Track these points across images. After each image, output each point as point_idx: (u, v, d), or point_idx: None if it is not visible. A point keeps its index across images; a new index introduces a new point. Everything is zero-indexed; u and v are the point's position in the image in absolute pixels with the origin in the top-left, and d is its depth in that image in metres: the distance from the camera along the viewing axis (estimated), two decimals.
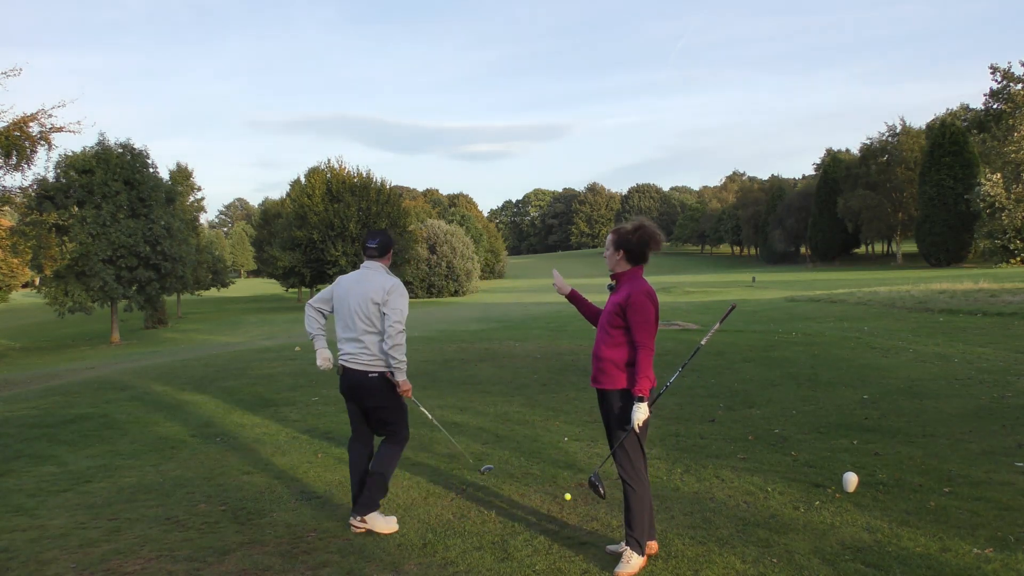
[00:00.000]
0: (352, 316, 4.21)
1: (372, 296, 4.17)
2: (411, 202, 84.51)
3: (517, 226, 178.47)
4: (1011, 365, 9.49)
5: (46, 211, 32.28)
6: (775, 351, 11.17)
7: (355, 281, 4.29)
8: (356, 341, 4.21)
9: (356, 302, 4.21)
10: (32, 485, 5.34)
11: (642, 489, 3.58)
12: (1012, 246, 54.26)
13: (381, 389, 4.22)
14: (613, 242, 3.67)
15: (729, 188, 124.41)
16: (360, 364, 4.21)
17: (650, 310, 3.55)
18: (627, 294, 3.54)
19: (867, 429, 6.25)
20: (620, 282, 3.68)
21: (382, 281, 4.22)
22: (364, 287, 4.22)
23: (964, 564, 3.48)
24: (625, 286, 3.61)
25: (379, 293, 4.17)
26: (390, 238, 4.43)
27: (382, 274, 4.29)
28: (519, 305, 41.58)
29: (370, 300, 4.17)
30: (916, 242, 67.28)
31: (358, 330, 4.19)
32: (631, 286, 3.59)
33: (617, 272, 3.70)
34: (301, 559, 3.79)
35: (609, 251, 3.69)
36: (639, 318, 3.53)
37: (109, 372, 12.67)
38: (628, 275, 3.66)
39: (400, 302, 4.17)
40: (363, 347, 4.19)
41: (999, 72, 55.38)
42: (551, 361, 10.90)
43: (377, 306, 4.16)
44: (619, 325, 3.58)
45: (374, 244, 4.35)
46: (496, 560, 3.71)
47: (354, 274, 4.37)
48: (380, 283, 4.20)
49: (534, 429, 6.64)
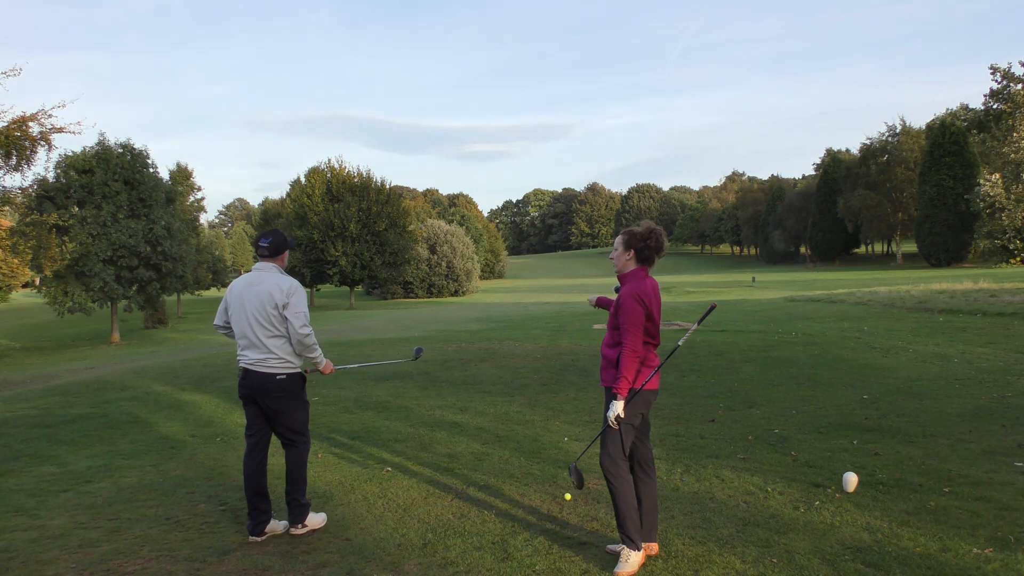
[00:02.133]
0: (251, 323, 4.07)
1: (270, 299, 4.05)
2: (411, 202, 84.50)
3: (517, 226, 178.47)
4: (1011, 365, 9.49)
5: (46, 211, 32.27)
6: (775, 351, 11.17)
7: (247, 284, 4.15)
8: (258, 347, 4.09)
9: (253, 307, 4.07)
10: (32, 485, 5.34)
11: (622, 485, 3.61)
12: (1012, 246, 54.29)
13: (289, 390, 4.13)
14: (624, 242, 3.70)
15: (729, 188, 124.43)
16: (266, 368, 4.09)
17: (638, 312, 3.55)
18: (623, 292, 3.61)
19: (867, 429, 6.25)
20: (624, 283, 3.71)
21: (278, 282, 4.09)
22: (258, 290, 4.08)
23: (964, 564, 3.48)
24: (626, 286, 3.66)
25: (278, 294, 4.05)
26: (284, 238, 4.27)
27: (276, 274, 4.15)
28: (519, 305, 41.59)
29: (268, 304, 4.04)
30: (916, 242, 67.29)
31: (259, 336, 4.07)
32: (628, 286, 3.64)
33: (624, 273, 3.73)
34: (301, 559, 3.79)
35: (618, 251, 3.72)
36: (625, 319, 3.57)
37: (109, 372, 12.67)
38: (631, 276, 3.69)
39: (300, 304, 4.08)
40: (267, 352, 4.08)
41: (999, 72, 55.41)
42: (551, 361, 10.90)
43: (277, 308, 4.04)
44: (616, 325, 3.67)
45: (266, 243, 4.19)
46: (496, 560, 3.71)
47: (245, 277, 4.22)
48: (276, 283, 4.08)
49: (534, 429, 6.64)
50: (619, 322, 3.58)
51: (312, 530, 4.22)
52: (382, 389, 8.95)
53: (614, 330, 3.68)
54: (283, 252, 4.25)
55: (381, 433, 6.56)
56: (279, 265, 4.22)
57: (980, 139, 61.29)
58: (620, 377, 3.52)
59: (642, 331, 3.58)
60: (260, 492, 4.14)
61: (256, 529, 4.11)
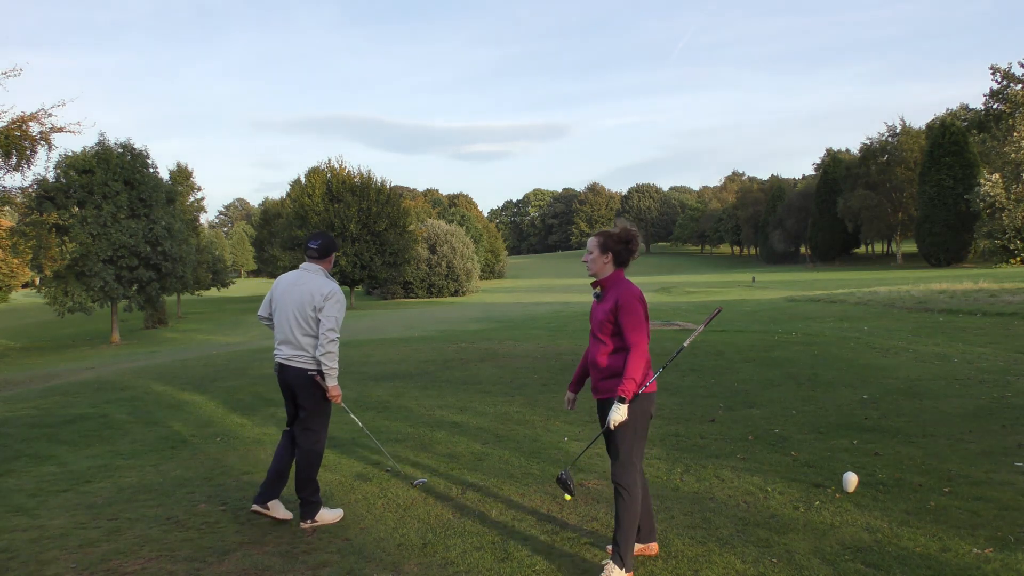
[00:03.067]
0: (289, 320, 4.26)
1: (309, 300, 4.22)
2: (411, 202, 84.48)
3: (517, 226, 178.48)
4: (1011, 365, 9.49)
5: (46, 211, 32.28)
6: (775, 351, 11.17)
7: (292, 283, 4.33)
8: (292, 343, 4.27)
9: (293, 306, 4.25)
10: (32, 485, 5.34)
11: (632, 500, 3.48)
12: (1012, 246, 54.29)
13: (316, 388, 4.30)
14: (600, 245, 3.59)
15: (729, 188, 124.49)
16: (299, 363, 4.28)
17: (641, 311, 3.49)
18: (616, 297, 3.49)
19: (867, 429, 6.25)
20: (606, 287, 3.60)
21: (320, 285, 4.25)
22: (301, 289, 4.26)
23: (964, 564, 3.48)
24: (612, 290, 3.56)
25: (318, 297, 4.21)
26: (332, 241, 4.45)
27: (320, 278, 4.30)
28: (519, 305, 41.59)
29: (307, 304, 4.21)
30: (916, 242, 67.28)
31: (295, 333, 4.25)
32: (619, 289, 3.54)
33: (602, 277, 3.62)
34: (301, 559, 3.79)
35: (594, 254, 3.60)
36: (632, 320, 3.47)
37: (109, 372, 12.67)
38: (615, 279, 3.60)
39: (335, 309, 4.22)
40: (300, 349, 4.26)
41: (999, 72, 55.43)
42: (551, 361, 10.90)
43: (314, 310, 4.21)
44: (612, 331, 3.53)
45: (315, 245, 4.36)
46: (496, 560, 3.71)
47: (291, 275, 4.40)
48: (318, 287, 4.24)
49: (534, 429, 6.64)
50: (624, 324, 3.46)
51: (318, 525, 4.28)
52: (382, 389, 8.95)
53: (608, 337, 3.54)
54: (330, 255, 4.41)
55: (381, 433, 6.56)
56: (325, 268, 4.37)
57: (980, 139, 61.29)
58: (628, 379, 3.41)
59: (648, 331, 3.52)
60: (280, 475, 4.36)
61: (259, 499, 4.30)
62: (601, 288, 3.63)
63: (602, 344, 3.56)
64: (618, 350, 3.54)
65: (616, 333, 3.53)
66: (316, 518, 4.30)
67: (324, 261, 4.36)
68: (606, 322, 3.53)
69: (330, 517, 4.36)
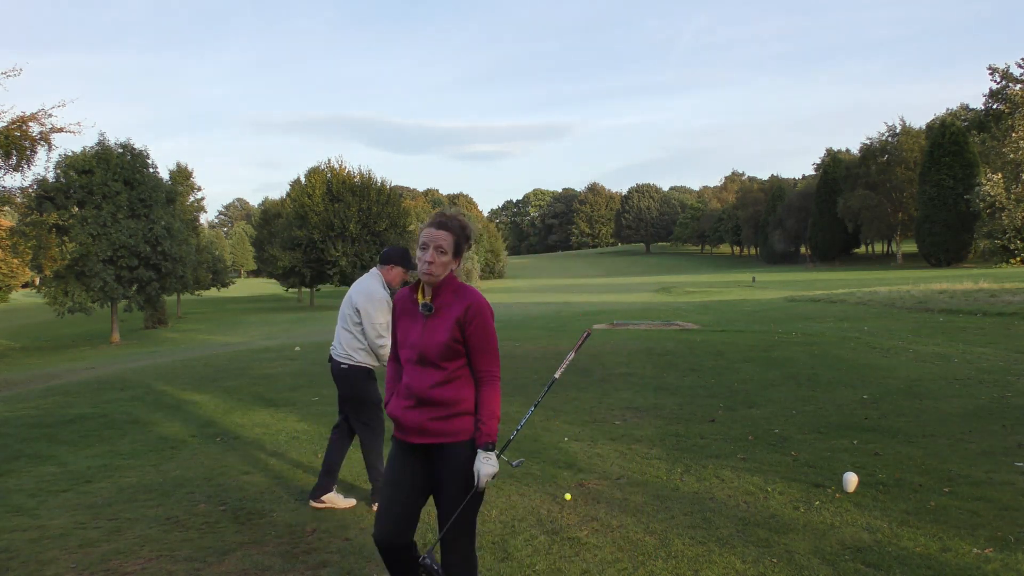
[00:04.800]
0: (342, 311, 4.62)
1: (352, 300, 4.54)
2: (411, 202, 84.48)
3: (517, 226, 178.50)
4: (1011, 365, 9.49)
5: (46, 211, 32.30)
6: (775, 351, 11.17)
7: (356, 281, 4.72)
8: (337, 336, 4.65)
9: (346, 301, 4.61)
10: (32, 485, 5.34)
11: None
12: (1012, 246, 54.32)
13: (350, 381, 4.58)
14: (455, 242, 2.69)
15: (729, 188, 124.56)
16: (336, 356, 4.61)
17: (493, 328, 2.72)
18: (467, 308, 2.65)
19: (867, 429, 6.25)
20: (443, 294, 2.70)
21: (367, 286, 4.53)
22: (354, 288, 4.61)
23: (964, 564, 3.48)
24: (455, 299, 2.69)
25: (359, 298, 4.50)
26: (396, 252, 4.66)
27: (373, 281, 4.56)
28: (519, 305, 41.58)
29: (351, 302, 4.54)
30: (916, 242, 67.29)
31: (339, 327, 4.63)
32: (467, 298, 2.68)
33: (442, 280, 2.71)
34: (301, 559, 3.79)
35: (448, 255, 2.68)
36: (489, 340, 2.69)
37: (109, 372, 12.67)
38: (454, 284, 2.74)
39: (372, 312, 4.46)
40: (338, 343, 4.62)
41: (998, 73, 55.46)
42: (551, 361, 10.90)
43: (354, 310, 4.51)
44: (459, 353, 2.67)
45: (383, 252, 4.70)
46: (496, 560, 3.70)
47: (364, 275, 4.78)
48: (366, 288, 4.53)
49: (534, 429, 6.63)
50: (475, 345, 2.65)
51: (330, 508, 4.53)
52: (382, 388, 8.94)
53: (449, 362, 2.65)
54: (388, 263, 4.62)
55: None
56: (384, 275, 4.60)
57: (980, 139, 61.28)
58: (490, 417, 2.64)
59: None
60: (329, 470, 4.59)
61: (313, 495, 4.57)
62: (431, 297, 2.71)
63: (440, 371, 2.65)
64: (465, 379, 2.70)
65: (462, 356, 2.68)
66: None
67: (384, 267, 4.61)
68: (450, 343, 2.63)
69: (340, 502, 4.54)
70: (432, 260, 2.65)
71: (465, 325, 2.64)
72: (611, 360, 10.85)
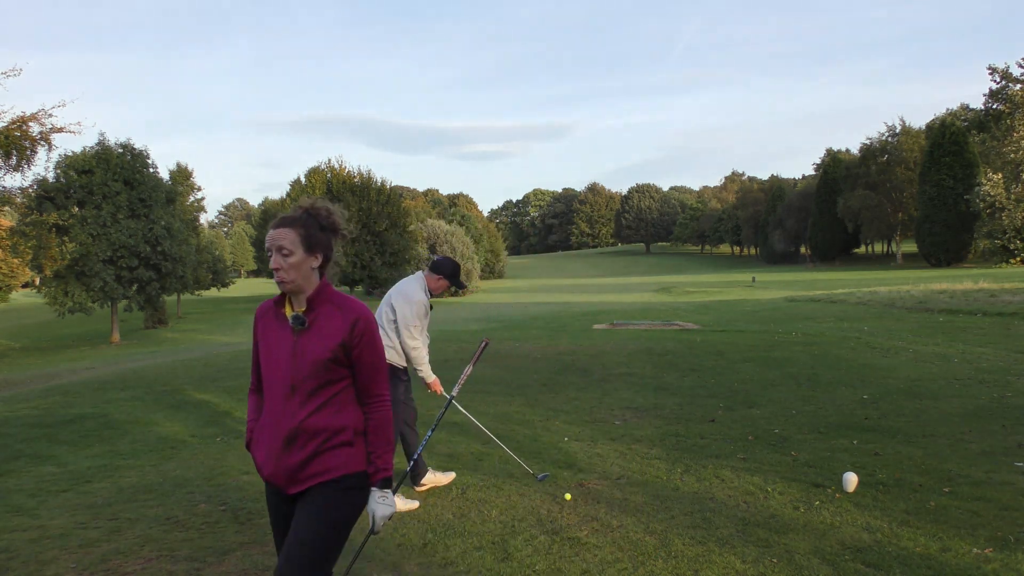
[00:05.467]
0: (379, 309, 4.72)
1: (392, 298, 4.69)
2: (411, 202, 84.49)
3: (517, 226, 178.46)
4: (1011, 365, 9.49)
5: (46, 211, 32.28)
6: (775, 351, 11.17)
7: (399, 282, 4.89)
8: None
9: (385, 300, 4.77)
10: (32, 485, 5.34)
11: None
12: (1012, 246, 54.29)
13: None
14: (304, 238, 2.26)
15: (729, 188, 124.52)
16: None
17: (382, 344, 2.37)
18: (353, 321, 2.26)
19: (867, 429, 6.25)
20: (318, 305, 2.30)
21: (406, 288, 4.69)
22: (395, 289, 4.79)
23: (964, 564, 3.48)
24: (332, 310, 2.29)
25: (396, 296, 4.66)
26: (446, 264, 4.77)
27: (414, 284, 4.71)
28: (519, 305, 41.58)
29: (390, 301, 4.69)
30: (916, 242, 67.25)
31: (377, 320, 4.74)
32: (350, 308, 2.29)
33: (307, 291, 2.31)
34: None
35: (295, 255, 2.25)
36: (378, 357, 2.32)
37: (109, 372, 12.67)
38: (326, 293, 2.33)
39: (405, 313, 4.57)
40: None
41: (998, 73, 55.42)
42: (551, 361, 10.90)
43: (390, 309, 4.65)
44: (339, 376, 2.28)
45: (434, 260, 4.85)
46: (496, 560, 3.70)
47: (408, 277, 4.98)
48: (404, 288, 4.69)
49: (534, 429, 6.64)
50: (364, 363, 2.28)
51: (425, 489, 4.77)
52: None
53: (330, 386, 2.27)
54: (438, 273, 4.75)
55: None
56: (428, 280, 4.74)
57: (980, 139, 61.26)
58: (385, 450, 2.30)
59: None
60: (408, 457, 4.81)
61: (414, 480, 4.84)
62: (305, 309, 2.30)
63: (314, 397, 2.25)
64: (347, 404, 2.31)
65: (346, 378, 2.30)
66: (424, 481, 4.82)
67: (431, 275, 4.75)
68: (329, 364, 2.25)
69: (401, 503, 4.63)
70: (278, 266, 2.24)
71: (353, 343, 2.25)
72: (611, 360, 10.85)
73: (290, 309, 2.34)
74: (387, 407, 2.33)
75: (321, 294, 2.31)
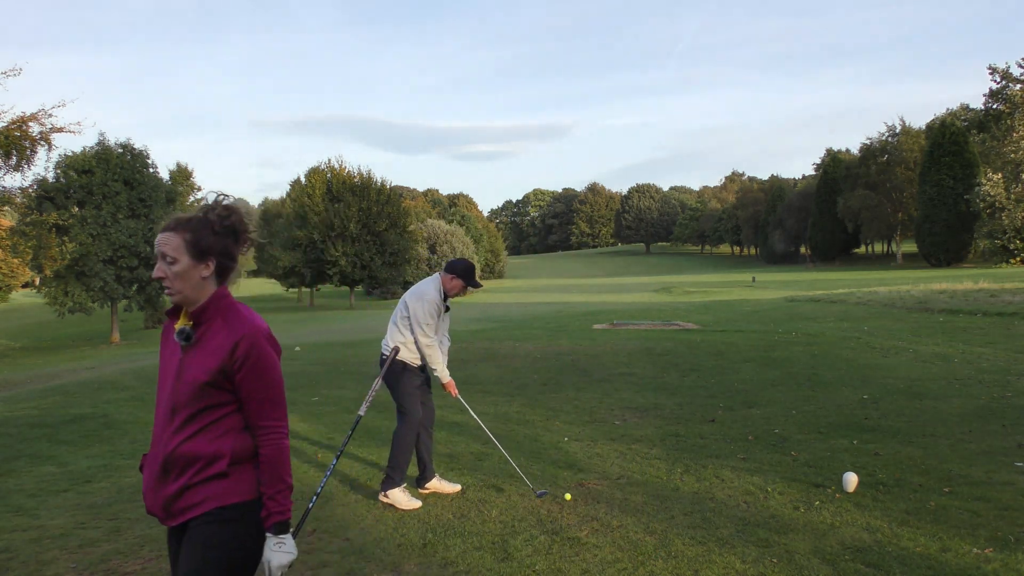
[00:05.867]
0: (396, 308, 4.84)
1: (407, 297, 4.77)
2: (411, 202, 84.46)
3: (517, 226, 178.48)
4: (1011, 365, 9.49)
5: (46, 211, 32.28)
6: (775, 351, 11.17)
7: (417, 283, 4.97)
8: (388, 329, 4.86)
9: (401, 299, 4.84)
10: (32, 485, 5.34)
11: None
12: (1012, 246, 54.31)
13: (389, 369, 4.73)
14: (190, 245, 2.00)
15: (729, 188, 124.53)
16: (383, 345, 4.85)
17: (278, 366, 2.06)
18: (235, 341, 1.97)
19: (867, 429, 6.25)
20: (207, 318, 2.02)
21: (421, 287, 4.77)
22: (411, 289, 4.86)
23: (964, 564, 3.48)
24: (219, 326, 2.01)
25: (411, 296, 4.73)
26: (460, 265, 4.80)
27: (429, 284, 4.78)
28: (519, 305, 41.57)
29: (405, 300, 4.77)
30: (916, 242, 67.26)
31: (391, 320, 4.85)
32: (237, 324, 2.00)
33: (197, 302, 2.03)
34: (301, 559, 3.79)
35: (180, 262, 1.99)
36: (269, 380, 2.01)
37: (109, 372, 12.67)
38: (217, 304, 2.04)
39: (419, 312, 4.63)
40: (388, 335, 4.82)
41: (998, 73, 55.43)
42: (551, 361, 10.90)
43: (406, 306, 4.73)
44: (221, 401, 1.99)
45: (449, 261, 4.92)
46: (496, 560, 3.70)
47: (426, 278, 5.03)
48: (419, 288, 4.77)
49: (534, 429, 6.64)
50: (250, 389, 1.99)
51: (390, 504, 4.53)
52: (382, 389, 8.94)
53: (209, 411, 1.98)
54: (452, 273, 4.78)
55: (381, 434, 6.55)
56: (445, 281, 4.78)
57: (980, 139, 61.27)
58: (283, 487, 2.01)
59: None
60: (419, 460, 4.80)
61: (418, 483, 4.82)
62: (193, 324, 2.03)
63: (186, 423, 1.98)
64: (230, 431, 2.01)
65: (230, 403, 2.01)
66: (388, 494, 4.55)
67: (446, 275, 4.79)
68: (208, 387, 1.97)
69: (403, 501, 4.53)
70: (161, 274, 1.99)
71: (233, 368, 1.96)
72: (611, 360, 10.85)
73: (183, 321, 2.06)
74: (280, 439, 2.02)
75: (213, 306, 2.02)
